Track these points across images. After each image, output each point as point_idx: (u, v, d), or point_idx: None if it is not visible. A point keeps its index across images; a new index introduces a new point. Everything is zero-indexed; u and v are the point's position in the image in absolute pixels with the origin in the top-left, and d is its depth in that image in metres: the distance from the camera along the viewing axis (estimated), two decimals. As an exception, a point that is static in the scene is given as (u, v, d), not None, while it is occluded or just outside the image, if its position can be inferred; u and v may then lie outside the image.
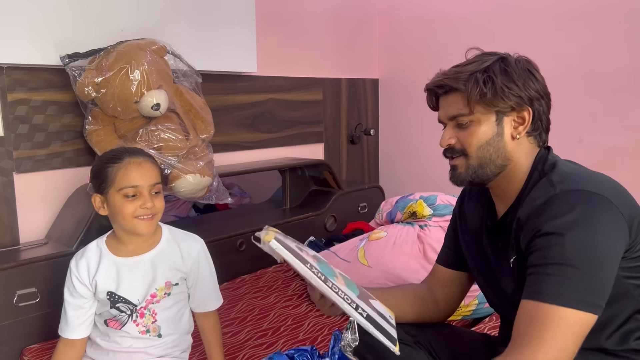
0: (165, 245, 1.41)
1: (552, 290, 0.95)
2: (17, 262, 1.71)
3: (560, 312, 0.94)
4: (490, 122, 1.09)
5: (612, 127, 2.46)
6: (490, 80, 1.07)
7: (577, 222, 0.96)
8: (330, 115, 3.03)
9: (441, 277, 1.35)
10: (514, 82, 1.07)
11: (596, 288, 0.95)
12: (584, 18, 2.48)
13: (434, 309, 1.33)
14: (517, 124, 1.10)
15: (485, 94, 1.07)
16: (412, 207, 2.14)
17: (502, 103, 1.07)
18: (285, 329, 1.81)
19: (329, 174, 2.73)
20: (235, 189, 3.13)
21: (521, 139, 1.11)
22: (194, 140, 1.94)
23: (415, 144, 3.17)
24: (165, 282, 1.38)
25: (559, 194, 1.01)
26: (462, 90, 1.09)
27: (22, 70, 1.84)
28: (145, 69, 1.79)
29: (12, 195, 1.86)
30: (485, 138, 1.10)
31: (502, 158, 1.10)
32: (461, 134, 1.12)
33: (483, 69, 1.09)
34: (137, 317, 1.38)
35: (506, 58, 1.11)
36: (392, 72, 3.25)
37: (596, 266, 0.95)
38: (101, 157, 1.42)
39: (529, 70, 1.10)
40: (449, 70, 1.14)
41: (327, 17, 2.96)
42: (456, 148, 1.14)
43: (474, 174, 1.13)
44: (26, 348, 1.72)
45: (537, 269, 0.99)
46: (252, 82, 2.58)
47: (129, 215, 1.32)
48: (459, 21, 2.88)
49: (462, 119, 1.11)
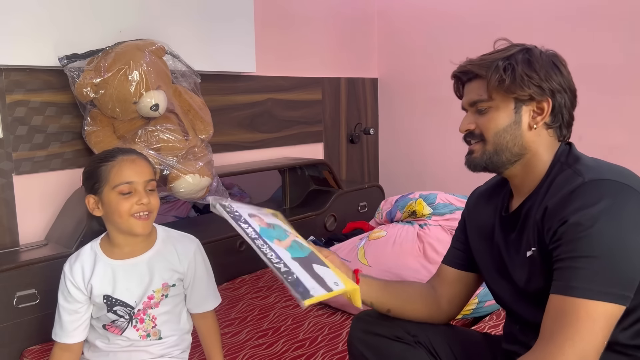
0: (161, 246, 1.40)
1: (579, 283, 0.95)
2: (17, 263, 1.71)
3: (586, 305, 0.94)
4: (508, 109, 1.10)
5: (612, 125, 2.46)
6: (511, 67, 1.08)
7: (605, 212, 0.96)
8: (330, 114, 3.03)
9: (446, 278, 1.34)
10: (535, 71, 1.08)
11: (624, 279, 0.95)
12: (583, 16, 2.47)
13: (435, 310, 1.32)
14: (536, 114, 1.10)
15: (504, 80, 1.08)
16: (412, 206, 2.13)
17: (521, 91, 1.08)
18: (285, 329, 1.81)
19: (329, 173, 2.73)
20: (235, 189, 3.13)
21: (539, 130, 1.11)
22: (193, 140, 1.93)
23: (415, 143, 3.17)
24: (162, 284, 1.37)
25: (587, 182, 1.01)
26: (483, 76, 1.11)
27: (20, 71, 1.84)
28: (143, 69, 1.79)
29: (12, 197, 1.86)
30: (503, 124, 1.11)
31: (518, 146, 1.11)
32: (480, 119, 1.13)
33: (506, 57, 1.10)
34: (137, 322, 1.37)
35: (531, 49, 1.12)
36: (391, 71, 3.25)
37: (624, 257, 0.95)
38: (93, 158, 1.41)
39: (553, 62, 1.11)
40: (475, 58, 1.15)
41: (326, 16, 2.96)
42: (475, 133, 1.15)
43: (488, 159, 1.13)
44: (26, 349, 1.72)
45: (565, 262, 0.98)
46: (251, 82, 2.58)
47: (126, 213, 1.30)
48: (457, 20, 2.88)
49: (481, 104, 1.12)
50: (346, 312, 1.92)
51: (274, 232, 1.11)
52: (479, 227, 1.27)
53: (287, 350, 1.67)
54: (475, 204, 1.31)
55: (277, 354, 1.65)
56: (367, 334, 1.26)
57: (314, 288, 1.00)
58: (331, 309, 1.96)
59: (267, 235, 1.08)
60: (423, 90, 3.08)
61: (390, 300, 1.29)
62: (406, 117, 3.20)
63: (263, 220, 1.13)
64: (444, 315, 1.33)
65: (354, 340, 1.28)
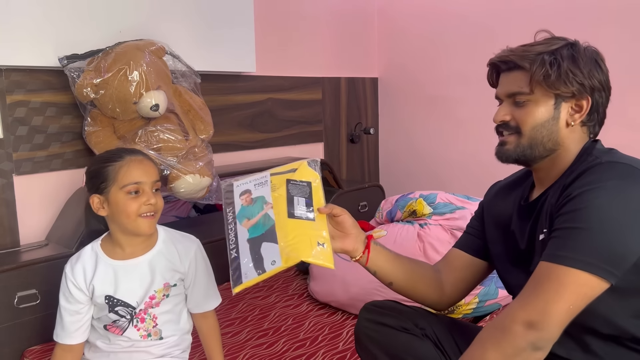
0: (162, 247, 1.40)
1: (563, 252, 0.96)
2: (18, 263, 1.71)
3: (559, 270, 0.95)
4: (548, 104, 1.09)
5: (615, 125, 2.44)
6: (557, 62, 1.07)
7: (611, 189, 0.96)
8: (330, 114, 3.03)
9: (455, 261, 1.33)
10: (579, 68, 1.07)
11: (610, 253, 0.95)
12: (584, 14, 2.47)
13: (437, 293, 1.32)
14: (574, 112, 1.10)
15: (550, 75, 1.07)
16: (412, 205, 2.13)
17: (564, 87, 1.07)
18: (285, 328, 1.81)
19: (329, 173, 2.73)
20: (236, 189, 3.12)
21: (575, 127, 1.10)
22: (193, 140, 1.93)
23: (416, 142, 3.17)
24: (163, 284, 1.38)
25: (603, 163, 1.02)
26: (526, 68, 1.09)
27: (21, 72, 1.84)
28: (143, 69, 1.79)
29: (12, 197, 1.86)
30: (541, 119, 1.10)
31: (553, 142, 1.10)
32: (517, 112, 1.12)
33: (551, 51, 1.09)
34: (138, 322, 1.37)
35: (575, 44, 1.11)
36: (391, 70, 3.25)
37: (616, 233, 0.95)
38: (98, 158, 1.41)
39: (595, 60, 1.10)
40: (516, 48, 1.13)
41: (326, 16, 2.96)
42: (510, 125, 1.13)
43: (521, 152, 1.12)
44: (27, 350, 1.72)
45: (558, 232, 0.99)
46: (251, 82, 2.58)
47: (134, 214, 1.31)
48: (458, 18, 2.88)
49: (520, 97, 1.11)
50: (346, 312, 1.92)
51: (250, 210, 1.16)
52: (496, 216, 1.27)
53: (288, 350, 1.67)
54: (495, 194, 1.31)
55: (278, 353, 1.65)
56: (375, 324, 1.26)
57: (247, 273, 1.07)
58: (332, 308, 1.96)
59: (240, 216, 1.15)
60: (423, 90, 3.08)
61: (394, 273, 1.28)
62: (406, 117, 3.20)
63: (250, 196, 1.18)
64: (445, 299, 1.33)
65: (362, 330, 1.28)
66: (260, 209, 1.15)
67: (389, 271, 1.28)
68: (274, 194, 1.17)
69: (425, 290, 1.31)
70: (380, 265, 1.27)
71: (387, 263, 1.28)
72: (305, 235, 1.13)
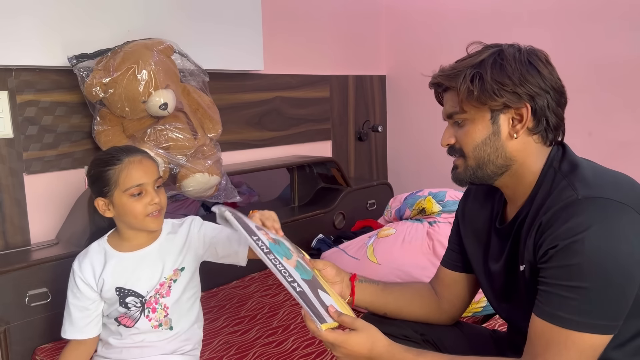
0: (167, 234, 1.43)
1: (567, 314, 0.92)
2: (28, 262, 1.72)
3: (574, 336, 0.92)
4: (484, 120, 1.03)
5: (622, 121, 2.44)
6: (479, 76, 1.00)
7: (599, 238, 0.90)
8: (338, 112, 3.02)
9: (445, 280, 1.31)
10: (507, 76, 0.99)
11: (613, 310, 0.92)
12: (594, 11, 2.45)
13: (436, 311, 1.30)
14: (516, 122, 1.02)
15: (472, 91, 1.00)
16: (421, 203, 2.13)
17: (493, 100, 1.00)
18: (295, 326, 1.81)
19: (337, 171, 2.72)
20: (244, 187, 3.13)
21: (523, 137, 1.03)
22: (201, 139, 1.94)
23: (424, 140, 3.16)
24: (173, 270, 1.40)
25: (581, 199, 0.94)
26: (454, 87, 1.04)
27: (30, 71, 1.85)
28: (152, 68, 1.79)
29: (23, 196, 1.87)
30: (481, 137, 1.03)
31: (502, 158, 1.04)
32: (459, 133, 1.07)
33: (476, 64, 1.02)
34: (150, 312, 1.38)
35: (504, 51, 1.02)
36: (399, 68, 3.24)
37: (616, 287, 0.91)
38: (97, 161, 1.40)
39: (530, 62, 1.01)
40: (446, 67, 1.08)
41: (333, 13, 2.95)
42: (456, 147, 1.09)
43: (472, 174, 1.08)
44: (38, 348, 1.73)
45: (553, 288, 0.94)
46: (259, 80, 2.58)
47: (141, 214, 1.33)
48: (466, 15, 2.86)
49: (457, 117, 1.06)
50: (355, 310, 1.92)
51: (280, 249, 1.08)
52: (474, 230, 1.23)
53: (297, 348, 1.67)
54: (468, 203, 1.27)
55: (287, 351, 1.65)
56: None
57: (323, 315, 1.00)
58: (340, 306, 1.96)
59: (276, 251, 1.05)
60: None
61: (384, 304, 1.27)
62: (414, 114, 3.19)
63: (268, 235, 1.11)
64: (445, 316, 1.31)
65: None
66: (290, 254, 1.09)
67: (379, 304, 1.28)
68: None
69: (421, 311, 1.29)
70: (369, 300, 1.27)
71: (375, 297, 1.27)
72: None
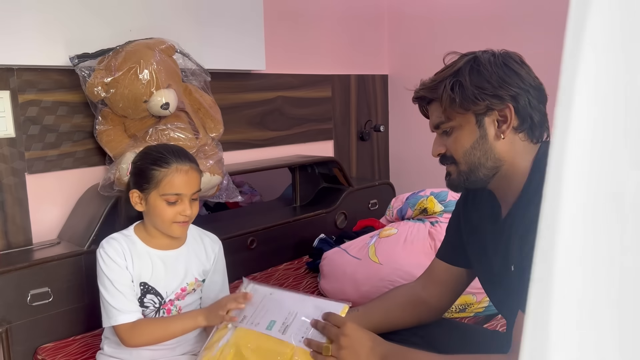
0: (193, 242, 1.45)
1: None
2: (30, 262, 1.72)
3: None
4: (470, 125, 1.06)
5: None
6: (458, 84, 1.04)
7: None
8: (340, 112, 3.02)
9: (439, 273, 1.33)
10: (486, 80, 1.03)
11: None
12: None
13: (424, 310, 1.32)
14: (501, 123, 1.06)
15: (454, 99, 1.04)
16: (423, 203, 2.12)
17: (475, 105, 1.04)
18: (296, 326, 1.81)
19: (339, 171, 2.72)
20: (246, 187, 3.13)
21: (509, 137, 1.06)
22: (203, 139, 1.94)
23: (426, 140, 3.13)
24: (194, 278, 1.41)
25: None
26: (436, 98, 1.09)
27: (32, 71, 1.85)
28: (154, 68, 1.79)
29: (25, 196, 1.87)
30: (469, 142, 1.07)
31: (492, 160, 1.07)
32: (448, 141, 1.11)
33: (453, 73, 1.06)
34: (164, 313, 1.39)
35: (478, 57, 1.07)
36: (401, 67, 3.23)
37: None
38: (146, 156, 1.38)
39: (506, 64, 1.05)
40: (426, 81, 1.13)
41: (335, 13, 2.95)
42: (447, 155, 1.13)
43: (466, 179, 1.11)
44: (40, 347, 1.73)
45: None
46: (261, 79, 2.58)
47: (169, 220, 1.34)
48: (469, 16, 2.86)
49: (443, 126, 1.10)
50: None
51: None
52: (472, 225, 1.25)
53: (299, 348, 1.66)
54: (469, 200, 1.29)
55: (289, 351, 1.65)
56: None
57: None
58: (342, 306, 1.95)
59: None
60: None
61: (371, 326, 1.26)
62: (416, 114, 3.12)
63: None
64: (434, 312, 1.33)
65: None
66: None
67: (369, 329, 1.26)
68: None
69: (409, 317, 1.32)
70: None
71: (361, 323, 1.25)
72: None
